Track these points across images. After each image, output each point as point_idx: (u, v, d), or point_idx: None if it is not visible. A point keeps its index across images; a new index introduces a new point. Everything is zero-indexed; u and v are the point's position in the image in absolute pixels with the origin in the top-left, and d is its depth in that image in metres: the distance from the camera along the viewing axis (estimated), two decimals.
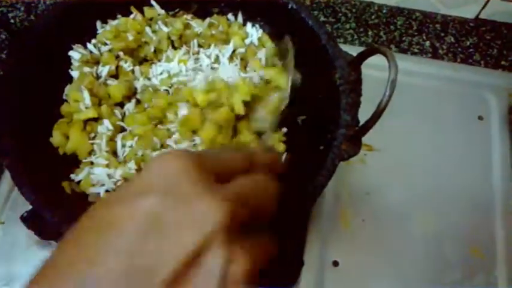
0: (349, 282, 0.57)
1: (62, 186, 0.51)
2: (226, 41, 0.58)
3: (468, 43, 0.85)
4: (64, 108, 0.54)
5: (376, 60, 0.48)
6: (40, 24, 0.52)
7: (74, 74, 0.55)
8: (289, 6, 0.56)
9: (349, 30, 0.86)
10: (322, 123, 0.53)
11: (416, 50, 0.85)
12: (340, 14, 0.88)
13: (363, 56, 0.49)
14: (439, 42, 0.86)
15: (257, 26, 0.60)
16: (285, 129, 0.56)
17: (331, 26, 0.86)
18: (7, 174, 0.60)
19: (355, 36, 0.86)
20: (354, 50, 0.54)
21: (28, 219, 0.53)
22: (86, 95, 0.53)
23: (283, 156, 0.52)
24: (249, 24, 0.61)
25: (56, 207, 0.45)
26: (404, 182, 0.63)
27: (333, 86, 0.52)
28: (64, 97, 0.55)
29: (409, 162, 0.64)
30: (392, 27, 0.87)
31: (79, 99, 0.53)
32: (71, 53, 0.55)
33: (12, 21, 0.82)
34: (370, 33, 0.86)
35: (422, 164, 0.64)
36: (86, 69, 0.54)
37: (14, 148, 0.46)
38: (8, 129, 0.46)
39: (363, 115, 0.48)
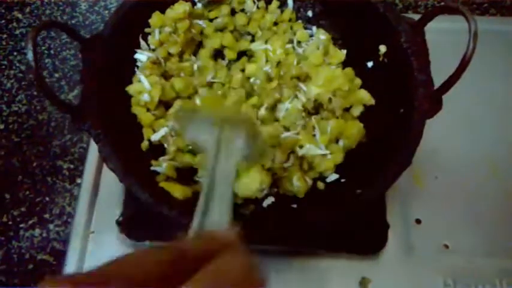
0: (435, 237, 0.59)
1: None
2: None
3: None
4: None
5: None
6: (107, 29, 0.52)
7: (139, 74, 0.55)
8: None
9: None
10: (392, 86, 0.55)
11: None
12: None
13: (427, 18, 0.51)
14: (453, 1, 0.88)
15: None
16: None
17: None
18: (87, 185, 0.61)
19: None
20: None
21: (121, 224, 0.53)
22: (144, 79, 0.53)
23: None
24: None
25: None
26: (469, 136, 0.65)
27: (399, 50, 0.53)
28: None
29: (471, 117, 0.66)
30: None
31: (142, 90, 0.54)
32: (137, 55, 0.56)
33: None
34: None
35: (485, 116, 0.66)
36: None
37: (113, 151, 0.46)
38: (105, 135, 0.47)
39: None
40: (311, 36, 0.63)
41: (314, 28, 0.64)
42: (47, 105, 0.76)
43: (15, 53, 0.82)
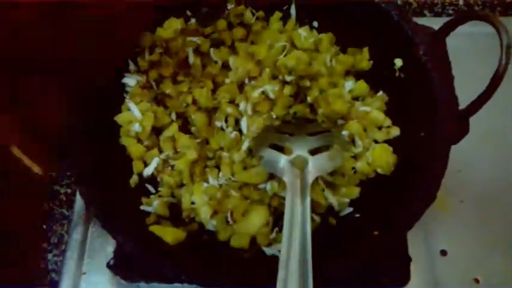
0: (463, 270, 0.53)
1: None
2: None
3: None
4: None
5: None
6: None
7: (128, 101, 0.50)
8: None
9: None
10: (409, 106, 0.49)
11: (451, 12, 0.80)
12: None
13: (449, 27, 0.45)
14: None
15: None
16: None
17: None
18: (79, 226, 0.56)
19: None
20: None
21: (114, 266, 0.49)
22: (134, 107, 0.49)
23: None
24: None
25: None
26: (496, 155, 0.58)
27: (417, 64, 0.47)
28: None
29: (497, 133, 0.60)
30: None
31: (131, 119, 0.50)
32: (125, 80, 0.51)
33: None
34: (399, 1, 0.82)
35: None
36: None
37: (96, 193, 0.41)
38: (88, 175, 0.42)
39: None
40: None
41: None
42: None
43: None
